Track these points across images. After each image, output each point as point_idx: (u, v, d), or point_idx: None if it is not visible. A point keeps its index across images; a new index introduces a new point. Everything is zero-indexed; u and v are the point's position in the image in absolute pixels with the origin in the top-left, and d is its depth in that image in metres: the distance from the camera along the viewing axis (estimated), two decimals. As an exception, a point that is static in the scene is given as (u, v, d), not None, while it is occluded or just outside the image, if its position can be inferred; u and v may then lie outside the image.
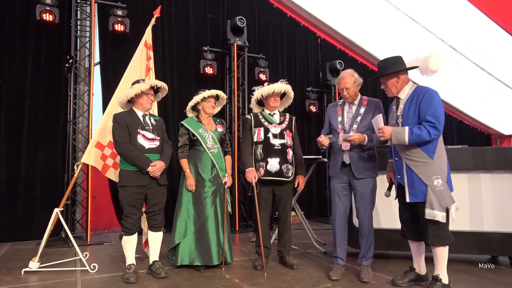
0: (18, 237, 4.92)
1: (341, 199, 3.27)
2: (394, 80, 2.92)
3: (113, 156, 3.84)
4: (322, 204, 7.53)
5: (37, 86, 5.23)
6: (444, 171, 2.76)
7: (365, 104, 3.26)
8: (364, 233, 3.20)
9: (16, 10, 5.16)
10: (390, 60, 2.95)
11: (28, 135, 5.13)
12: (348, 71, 3.31)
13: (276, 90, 3.50)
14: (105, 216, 5.74)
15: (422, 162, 2.77)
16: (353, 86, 3.23)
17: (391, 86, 2.94)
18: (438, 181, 2.71)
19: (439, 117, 2.70)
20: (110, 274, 3.41)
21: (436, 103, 2.74)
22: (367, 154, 3.20)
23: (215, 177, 3.55)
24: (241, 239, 5.23)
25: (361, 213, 3.21)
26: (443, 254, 2.78)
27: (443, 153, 2.81)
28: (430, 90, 2.80)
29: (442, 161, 2.78)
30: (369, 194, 3.17)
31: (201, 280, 3.16)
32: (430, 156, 2.76)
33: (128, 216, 3.21)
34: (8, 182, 4.94)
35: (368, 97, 3.33)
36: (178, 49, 6.27)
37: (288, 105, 3.78)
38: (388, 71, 2.90)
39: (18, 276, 3.33)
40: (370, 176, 3.18)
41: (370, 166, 3.20)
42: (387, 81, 2.95)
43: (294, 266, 3.51)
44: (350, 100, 3.29)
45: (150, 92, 3.37)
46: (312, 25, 7.79)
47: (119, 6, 5.42)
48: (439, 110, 2.72)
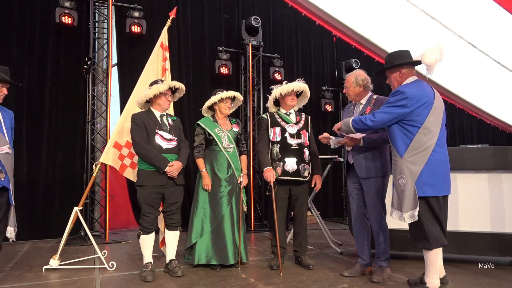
0: (39, 235, 5.04)
1: (354, 199, 3.29)
2: (397, 74, 2.85)
3: (131, 156, 3.89)
4: (338, 204, 7.48)
5: (56, 87, 5.35)
6: (413, 172, 2.60)
7: (372, 103, 3.22)
8: (375, 233, 3.16)
9: (36, 13, 5.29)
10: (395, 54, 2.89)
11: (48, 136, 5.26)
12: (354, 71, 3.34)
13: (296, 88, 3.52)
14: (122, 215, 5.83)
15: (393, 160, 2.76)
16: (352, 85, 3.24)
17: (393, 80, 2.89)
18: (402, 180, 2.64)
19: (383, 110, 2.74)
20: (128, 272, 3.46)
21: (390, 100, 2.74)
22: (372, 153, 3.13)
23: (231, 177, 3.57)
24: (256, 239, 5.23)
25: (369, 213, 3.19)
26: (430, 258, 2.63)
27: (422, 154, 2.62)
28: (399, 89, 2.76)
29: (414, 161, 2.62)
30: (373, 194, 3.11)
31: (217, 279, 3.18)
32: (399, 154, 2.69)
33: (145, 215, 3.25)
34: (29, 182, 5.06)
35: (379, 96, 3.28)
36: (194, 50, 6.31)
37: (304, 104, 3.77)
38: (390, 64, 2.86)
39: (39, 273, 3.41)
40: (375, 176, 3.11)
41: (374, 165, 3.11)
42: (391, 75, 2.90)
43: (310, 266, 3.50)
44: (352, 99, 3.34)
45: (168, 93, 3.41)
46: (327, 24, 7.73)
47: (135, 8, 5.49)
48: (388, 107, 2.74)
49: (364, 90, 3.26)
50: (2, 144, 2.71)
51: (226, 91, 3.60)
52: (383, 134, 3.07)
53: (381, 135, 3.10)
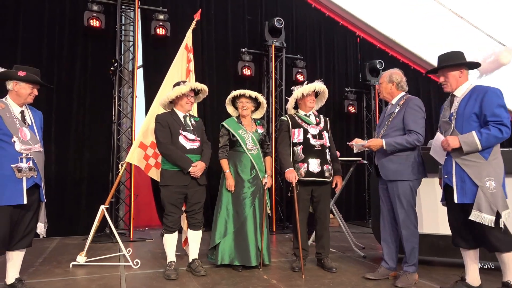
0: (66, 232, 5.19)
1: (383, 201, 3.25)
2: (458, 72, 2.77)
3: (155, 156, 3.95)
4: (361, 207, 7.37)
5: (84, 89, 5.51)
6: (499, 174, 2.60)
7: (401, 104, 3.13)
8: (403, 237, 3.09)
9: (66, 17, 5.46)
10: (453, 54, 2.82)
11: (75, 135, 5.41)
12: (389, 70, 3.27)
13: (317, 89, 3.52)
14: (146, 214, 5.93)
15: (474, 162, 2.61)
16: (384, 81, 3.19)
17: (452, 79, 2.78)
18: (490, 183, 2.56)
19: (503, 114, 2.57)
20: (151, 270, 3.52)
21: (499, 101, 2.60)
22: (397, 156, 3.05)
23: (255, 178, 3.57)
24: (278, 240, 5.22)
25: (396, 217, 3.12)
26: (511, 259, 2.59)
27: (499, 156, 2.65)
28: (491, 89, 2.65)
29: (497, 164, 2.62)
30: (399, 197, 3.04)
31: (239, 280, 3.18)
32: (484, 157, 2.60)
33: (169, 214, 3.30)
34: (57, 180, 5.22)
35: (410, 96, 3.18)
36: (217, 51, 6.37)
37: (321, 106, 3.74)
38: (454, 62, 2.77)
39: (67, 269, 3.51)
40: (398, 179, 3.04)
41: (398, 168, 3.03)
42: (449, 73, 2.79)
43: (332, 269, 3.46)
44: (383, 97, 3.27)
45: (191, 94, 3.45)
46: (351, 24, 7.65)
47: (160, 10, 5.59)
48: (503, 107, 2.59)
49: (396, 89, 3.18)
50: (34, 143, 2.81)
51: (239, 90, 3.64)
52: (409, 137, 2.99)
53: (405, 138, 3.01)
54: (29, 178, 2.73)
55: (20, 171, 2.68)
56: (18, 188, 2.67)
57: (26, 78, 2.83)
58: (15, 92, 2.82)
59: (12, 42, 5.15)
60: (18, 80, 2.82)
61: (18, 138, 2.71)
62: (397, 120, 3.09)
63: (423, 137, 3.00)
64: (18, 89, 2.82)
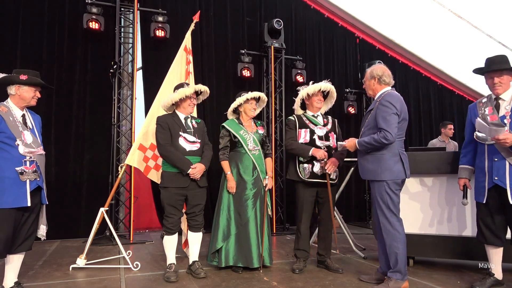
0: (66, 234, 5.18)
1: (373, 202, 3.20)
2: (511, 77, 2.84)
3: (155, 158, 3.95)
4: (362, 208, 7.36)
5: (83, 91, 5.50)
6: None
7: (379, 100, 2.94)
8: (385, 240, 2.94)
9: (65, 19, 5.45)
10: (505, 58, 2.86)
11: (75, 137, 5.40)
12: (372, 66, 3.21)
13: (323, 88, 3.49)
14: (146, 216, 5.92)
15: None
16: (367, 80, 3.11)
17: (507, 82, 2.84)
18: None
19: None
20: (151, 272, 3.51)
21: None
22: (371, 156, 2.94)
23: (256, 179, 3.55)
24: (278, 242, 5.21)
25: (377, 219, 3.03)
26: None
27: None
28: None
29: None
30: (375, 198, 2.96)
31: (240, 282, 3.18)
32: None
33: (169, 216, 3.29)
34: (57, 182, 5.21)
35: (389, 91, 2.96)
36: (216, 53, 6.36)
37: (330, 106, 3.71)
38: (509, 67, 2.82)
39: (66, 272, 3.51)
40: (374, 179, 2.94)
41: (373, 168, 2.93)
42: (506, 76, 2.84)
43: (339, 270, 3.45)
44: (369, 94, 3.17)
45: (194, 96, 3.45)
46: (350, 25, 7.65)
47: (160, 12, 5.58)
48: None
49: (379, 84, 3.02)
50: (36, 146, 2.81)
51: (251, 92, 3.61)
52: (376, 135, 2.84)
53: (373, 136, 2.87)
54: (33, 181, 2.73)
55: (24, 174, 2.68)
56: (22, 191, 2.68)
57: (28, 81, 2.83)
58: (18, 96, 2.82)
59: (12, 44, 5.14)
60: (20, 84, 2.81)
61: (22, 141, 2.71)
62: (372, 118, 2.98)
63: (392, 134, 2.80)
64: (21, 92, 2.82)
